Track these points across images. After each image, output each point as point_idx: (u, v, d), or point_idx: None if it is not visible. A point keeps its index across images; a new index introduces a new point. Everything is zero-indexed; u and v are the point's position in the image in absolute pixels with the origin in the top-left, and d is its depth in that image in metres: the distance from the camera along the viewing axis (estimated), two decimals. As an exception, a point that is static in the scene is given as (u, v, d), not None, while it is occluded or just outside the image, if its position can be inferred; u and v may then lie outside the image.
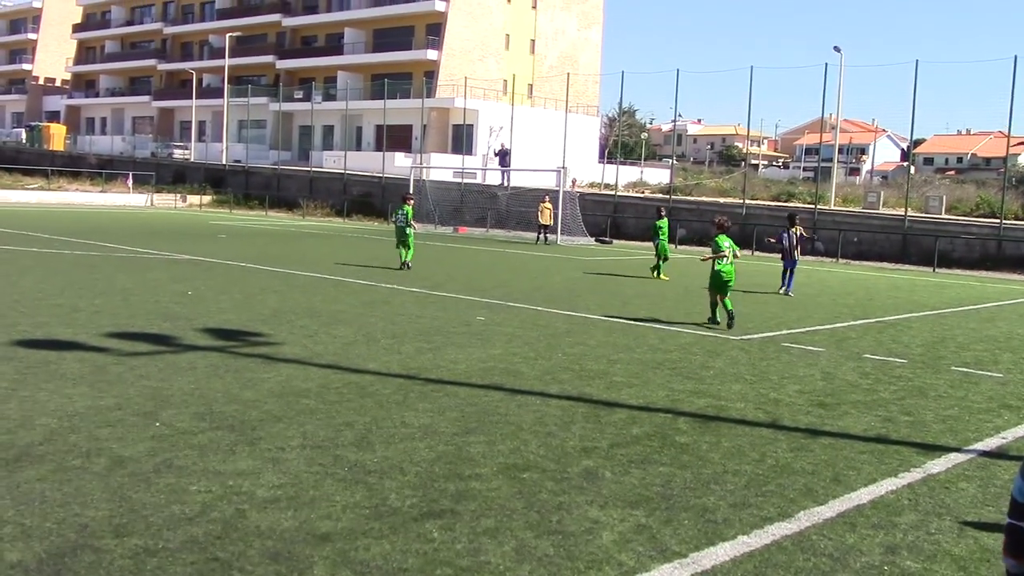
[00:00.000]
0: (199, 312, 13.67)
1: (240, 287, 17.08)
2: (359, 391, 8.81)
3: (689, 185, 56.31)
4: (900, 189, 45.62)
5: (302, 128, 71.83)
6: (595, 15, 76.97)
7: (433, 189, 46.75)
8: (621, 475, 6.55)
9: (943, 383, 10.66)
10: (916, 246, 35.39)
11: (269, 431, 7.27)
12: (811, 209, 39.18)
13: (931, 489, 6.58)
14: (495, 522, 5.51)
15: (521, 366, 10.48)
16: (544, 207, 37.22)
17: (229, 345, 11.02)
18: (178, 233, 33.10)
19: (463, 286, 18.97)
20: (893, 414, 8.92)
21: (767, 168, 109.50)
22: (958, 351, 13.22)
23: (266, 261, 22.78)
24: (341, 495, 5.86)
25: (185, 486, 5.90)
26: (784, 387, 9.99)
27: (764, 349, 12.58)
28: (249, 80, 73.51)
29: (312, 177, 58.21)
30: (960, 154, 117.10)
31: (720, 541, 5.37)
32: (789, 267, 20.47)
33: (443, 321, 13.79)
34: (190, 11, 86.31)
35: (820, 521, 5.80)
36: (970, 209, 40.40)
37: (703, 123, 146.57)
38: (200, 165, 67.64)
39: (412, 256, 22.48)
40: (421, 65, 66.39)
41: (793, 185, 54.04)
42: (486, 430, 7.58)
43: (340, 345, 11.36)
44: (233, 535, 5.13)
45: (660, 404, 8.89)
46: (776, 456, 7.23)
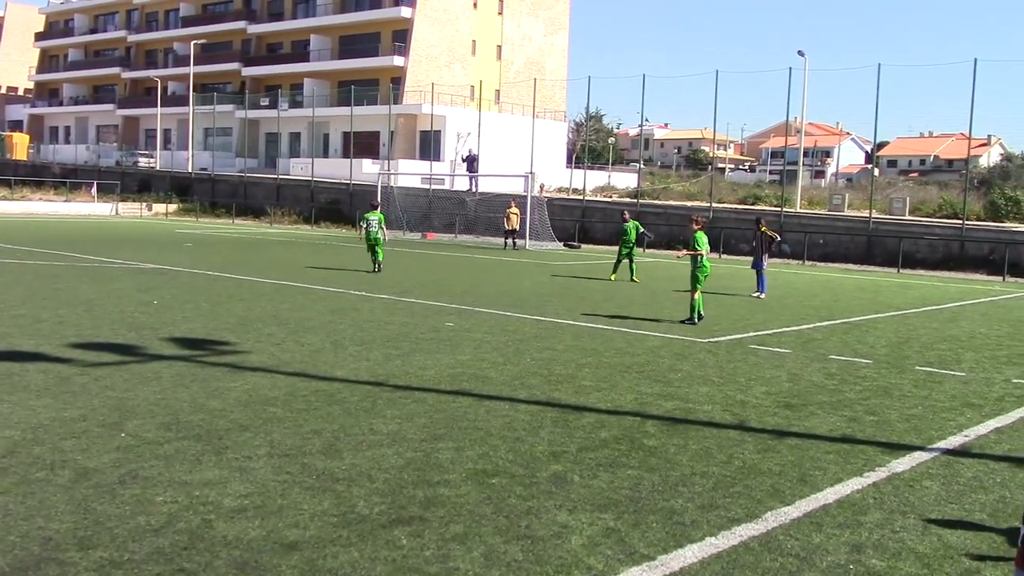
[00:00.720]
0: (165, 321, 13.56)
1: (206, 296, 16.96)
2: (327, 399, 8.78)
3: (656, 189, 56.59)
4: (864, 191, 46.13)
5: (268, 135, 71.47)
6: (561, 21, 77.19)
7: (401, 195, 46.68)
8: (590, 479, 6.57)
9: (907, 383, 10.78)
10: (880, 247, 35.78)
11: (236, 440, 7.22)
12: (777, 212, 39.50)
13: (896, 488, 6.65)
14: (464, 528, 5.50)
15: (490, 371, 10.48)
16: (511, 212, 37.28)
17: (195, 354, 10.93)
18: (143, 242, 32.80)
19: (432, 292, 18.94)
20: (858, 414, 9.01)
21: (733, 172, 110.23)
22: (922, 351, 13.37)
23: (232, 269, 22.63)
24: (309, 503, 5.83)
25: (151, 497, 5.84)
26: (751, 389, 10.06)
27: (731, 351, 12.66)
28: (214, 88, 73.09)
29: (279, 184, 57.92)
30: (923, 156, 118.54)
31: (688, 543, 5.40)
32: (756, 268, 20.62)
33: (411, 327, 13.77)
34: (154, 19, 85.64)
35: (787, 521, 5.85)
36: (933, 210, 40.89)
37: (670, 127, 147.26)
38: (166, 173, 67.10)
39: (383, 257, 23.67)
40: (388, 72, 66.27)
41: (759, 188, 54.42)
42: (455, 436, 7.58)
43: (307, 353, 11.30)
44: (200, 545, 5.09)
45: (628, 407, 8.93)
46: (743, 457, 7.27)
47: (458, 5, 68.20)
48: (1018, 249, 32.62)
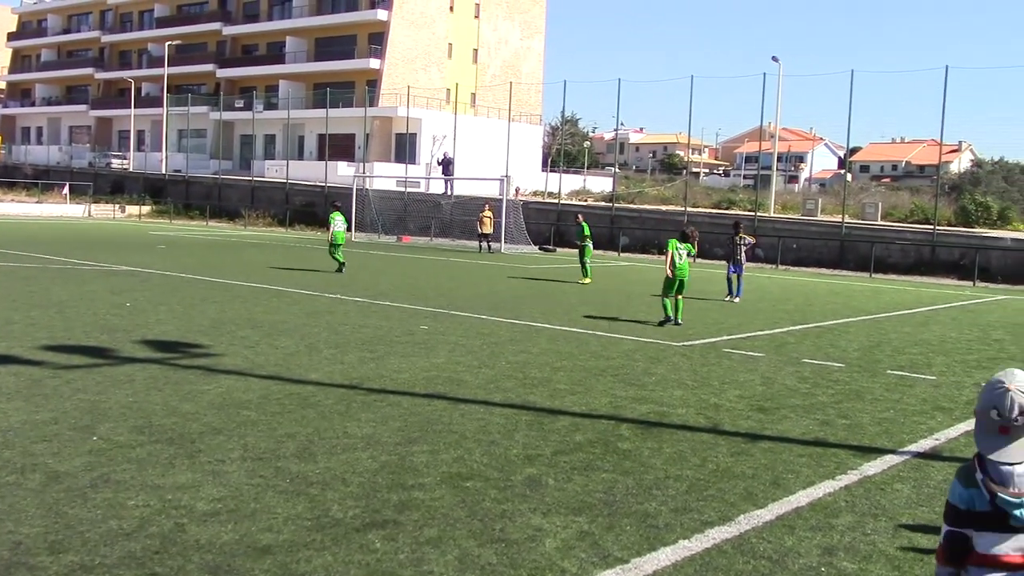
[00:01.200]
0: (137, 324, 13.47)
1: (179, 298, 16.86)
2: (301, 402, 8.75)
3: (631, 193, 56.76)
4: (837, 196, 46.49)
5: (243, 137, 71.08)
6: (537, 25, 77.32)
7: (376, 198, 46.59)
8: (564, 482, 6.58)
9: (879, 386, 10.88)
10: (853, 252, 36.07)
11: (209, 443, 7.18)
12: (751, 216, 39.73)
13: (867, 491, 6.71)
14: (438, 531, 5.50)
15: (464, 375, 10.48)
16: (484, 216, 37.30)
17: (168, 357, 10.87)
18: (116, 244, 32.55)
19: (406, 295, 18.92)
20: (831, 417, 9.08)
21: (708, 176, 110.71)
22: (893, 355, 13.49)
23: (206, 272, 22.50)
24: (282, 507, 5.81)
25: (123, 501, 5.80)
26: (725, 392, 10.12)
27: (705, 355, 12.73)
28: (189, 89, 72.62)
29: (254, 186, 57.65)
30: (895, 162, 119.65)
31: (661, 546, 5.42)
32: (735, 272, 20.65)
33: (386, 330, 13.74)
34: (128, 19, 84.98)
35: (759, 524, 5.89)
36: (905, 216, 41.28)
37: (645, 132, 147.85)
38: (139, 175, 66.65)
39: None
40: (363, 74, 66.11)
41: (734, 193, 54.73)
42: (429, 439, 7.57)
43: (281, 356, 11.26)
44: (172, 550, 5.06)
45: (603, 411, 8.95)
46: (717, 461, 7.31)
47: (434, 8, 68.17)
48: (988, 254, 32.98)
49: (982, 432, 3.11)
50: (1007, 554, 3.05)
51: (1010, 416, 3.02)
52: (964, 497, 3.09)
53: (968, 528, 3.09)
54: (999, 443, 3.04)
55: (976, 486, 3.07)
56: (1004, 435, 3.04)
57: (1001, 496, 3.01)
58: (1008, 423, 3.02)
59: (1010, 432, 3.03)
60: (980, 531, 3.07)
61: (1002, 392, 3.05)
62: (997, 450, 3.04)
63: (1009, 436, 3.03)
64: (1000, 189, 59.19)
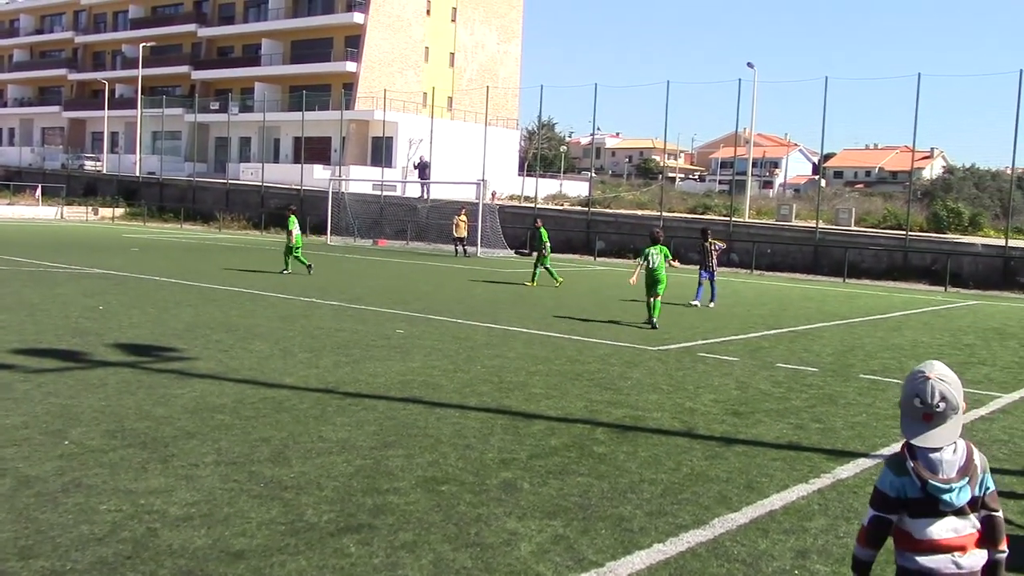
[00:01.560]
0: (110, 327, 13.36)
1: (153, 301, 16.74)
2: (275, 406, 8.70)
3: (607, 198, 56.94)
4: (811, 202, 46.81)
5: (218, 140, 70.74)
6: (514, 29, 77.45)
7: (352, 202, 46.46)
8: (539, 486, 6.58)
9: (852, 391, 10.96)
10: (827, 257, 36.32)
11: (182, 448, 7.13)
12: (726, 221, 39.94)
13: (840, 494, 6.75)
14: (413, 536, 5.49)
15: (440, 379, 10.47)
16: (459, 220, 37.28)
17: (141, 360, 10.78)
18: (89, 246, 32.28)
19: (382, 299, 18.87)
20: (804, 421, 9.13)
21: (684, 181, 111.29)
22: (866, 359, 13.60)
23: (180, 275, 22.36)
24: (256, 511, 5.78)
25: (95, 505, 5.75)
26: (700, 396, 10.16)
27: (680, 359, 12.78)
28: (163, 91, 72.18)
29: (228, 189, 57.37)
30: (868, 168, 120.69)
31: (636, 549, 5.43)
32: (707, 278, 20.70)
33: (362, 334, 13.70)
34: (102, 20, 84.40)
35: (734, 527, 5.91)
36: (878, 221, 41.63)
37: (621, 137, 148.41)
38: (113, 177, 66.15)
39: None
40: (340, 77, 65.99)
41: (709, 198, 55.03)
42: (404, 443, 7.55)
43: (256, 359, 11.20)
44: (144, 554, 5.02)
45: (578, 415, 8.96)
46: (691, 464, 7.34)
47: (411, 12, 68.14)
48: (959, 260, 33.31)
49: (907, 419, 3.33)
50: (943, 537, 3.27)
51: (932, 403, 3.24)
52: (895, 485, 3.30)
53: (897, 514, 3.32)
54: (922, 429, 3.28)
55: (907, 474, 3.28)
56: (927, 422, 3.27)
57: (931, 483, 3.23)
58: (930, 410, 3.25)
59: (932, 419, 3.26)
60: (914, 517, 3.29)
61: (923, 380, 3.28)
62: (921, 436, 3.27)
63: (931, 423, 3.26)
64: (971, 195, 59.83)
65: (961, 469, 3.27)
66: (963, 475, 3.26)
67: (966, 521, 3.28)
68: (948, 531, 3.27)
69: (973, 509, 3.30)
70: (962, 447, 3.31)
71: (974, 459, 3.30)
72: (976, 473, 3.28)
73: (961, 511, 3.27)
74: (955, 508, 3.26)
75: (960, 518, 3.27)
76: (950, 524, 3.27)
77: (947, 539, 3.27)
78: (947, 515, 3.27)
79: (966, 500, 3.26)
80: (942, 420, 3.27)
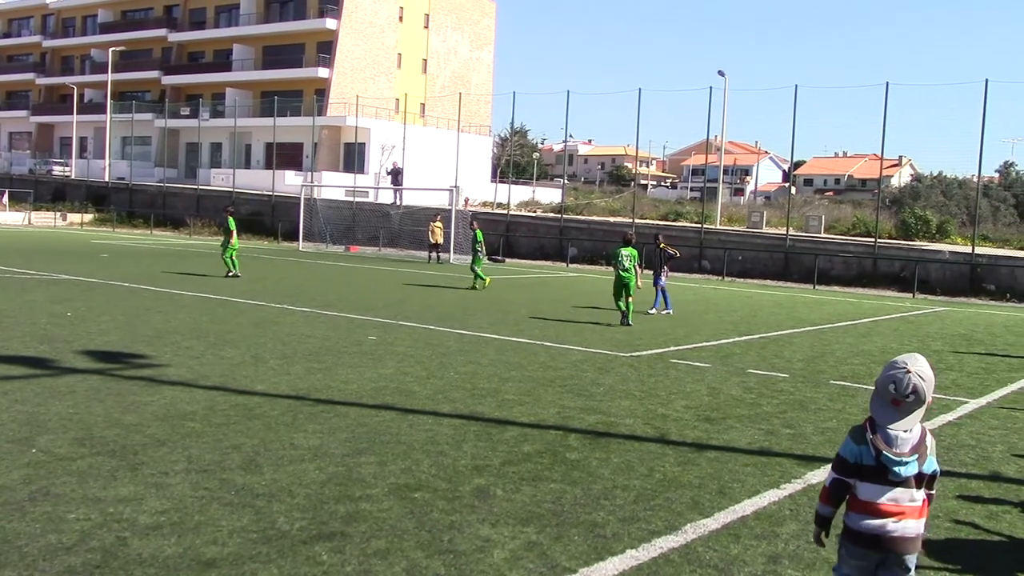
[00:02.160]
0: (79, 334, 13.22)
1: (122, 308, 16.59)
2: (247, 413, 8.65)
3: (580, 204, 57.05)
4: (782, 209, 47.11)
5: (189, 145, 70.25)
6: (487, 36, 77.52)
7: (324, 208, 46.29)
8: (512, 493, 6.58)
9: (822, 396, 11.04)
10: (797, 264, 36.59)
11: (152, 455, 7.07)
12: (698, 228, 40.15)
13: (811, 499, 6.79)
14: (386, 543, 5.47)
15: (413, 385, 10.45)
16: (435, 226, 37.25)
17: (111, 368, 10.68)
18: (57, 252, 31.94)
19: (354, 305, 18.81)
20: (775, 427, 9.19)
21: (656, 188, 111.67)
22: (836, 365, 13.70)
23: (150, 281, 22.18)
24: (228, 519, 5.74)
25: (63, 514, 5.69)
26: (672, 403, 10.19)
27: (653, 365, 12.82)
28: (133, 96, 71.67)
29: (199, 195, 56.97)
30: (838, 175, 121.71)
31: (609, 556, 5.44)
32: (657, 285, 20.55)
33: (334, 341, 13.65)
34: (71, 24, 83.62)
35: (706, 533, 5.94)
36: (847, 228, 41.97)
37: (593, 144, 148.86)
38: (81, 182, 65.53)
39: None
40: (312, 83, 65.74)
41: (681, 205, 55.26)
42: (377, 450, 7.53)
43: (227, 366, 11.13)
44: (113, 564, 4.97)
45: (551, 421, 8.97)
46: (664, 470, 7.36)
47: (384, 18, 68.05)
48: (927, 267, 33.66)
49: (878, 402, 3.78)
50: (883, 503, 3.76)
51: (904, 393, 3.69)
52: (854, 452, 3.79)
53: (853, 478, 3.80)
54: (892, 415, 3.73)
55: (865, 444, 3.77)
56: (895, 407, 3.72)
57: (885, 454, 3.71)
58: (901, 399, 3.70)
59: (901, 406, 3.71)
60: (863, 481, 3.78)
61: (903, 372, 3.71)
62: (890, 422, 3.73)
63: (900, 410, 3.72)
64: (939, 203, 60.41)
65: (913, 447, 3.73)
66: (913, 452, 3.73)
67: (908, 492, 3.75)
68: (890, 499, 3.75)
69: (918, 484, 3.77)
70: (918, 429, 3.76)
71: (926, 440, 3.77)
72: (925, 453, 3.75)
73: (906, 482, 3.74)
74: (901, 479, 3.73)
75: (904, 488, 3.75)
76: (894, 493, 3.74)
77: (887, 505, 3.75)
78: (894, 484, 3.74)
79: (912, 473, 3.73)
80: (909, 410, 3.71)
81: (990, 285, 32.38)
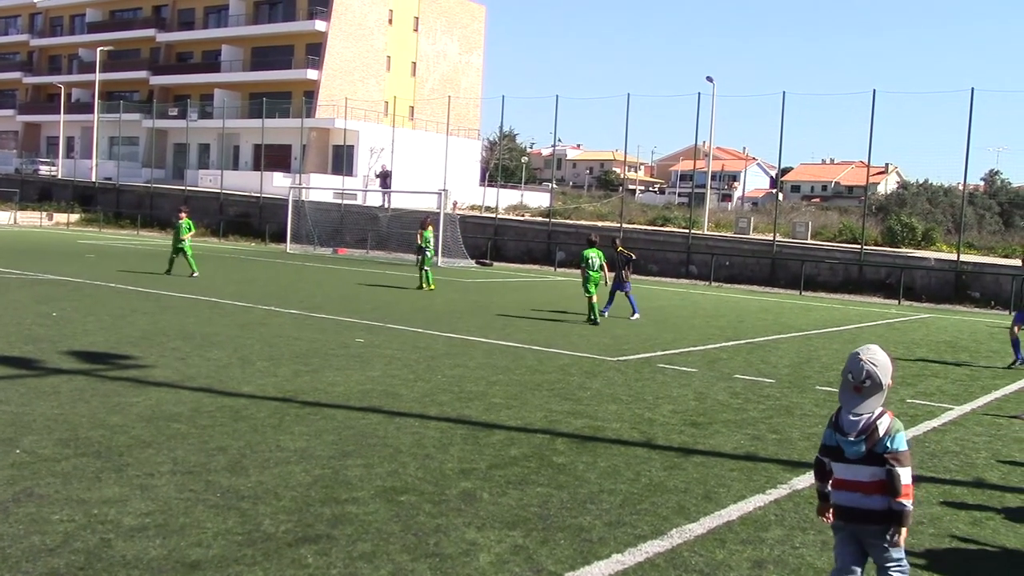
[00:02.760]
0: (64, 334, 13.16)
1: (108, 308, 16.52)
2: (233, 415, 8.62)
3: (568, 209, 57.13)
4: (769, 215, 47.27)
5: (177, 146, 70.03)
6: (476, 40, 77.57)
7: (312, 210, 46.19)
8: (499, 496, 6.58)
9: (808, 402, 11.07)
10: (784, 270, 36.69)
11: (137, 457, 7.04)
12: (685, 233, 40.23)
13: (796, 504, 6.82)
14: (372, 546, 5.46)
15: (400, 388, 10.43)
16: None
17: (96, 368, 10.64)
18: (43, 252, 31.78)
19: (342, 308, 18.77)
20: (761, 432, 9.21)
21: (644, 193, 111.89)
22: (822, 371, 13.75)
23: (137, 282, 22.09)
24: (213, 521, 5.72)
25: (47, 515, 5.66)
26: (658, 407, 10.21)
27: (640, 370, 12.84)
28: (121, 96, 71.38)
29: (187, 196, 56.74)
30: (824, 182, 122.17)
31: (595, 560, 5.45)
32: (617, 289, 20.26)
33: (321, 343, 13.62)
34: (59, 24, 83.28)
35: (691, 538, 5.95)
36: (834, 235, 42.14)
37: (582, 148, 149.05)
38: (68, 182, 65.20)
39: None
40: (301, 84, 65.63)
41: (668, 210, 55.38)
42: (364, 453, 7.52)
43: (214, 368, 11.09)
44: (97, 565, 4.95)
45: (538, 425, 8.97)
46: (650, 475, 7.38)
47: (373, 20, 68.01)
48: (913, 274, 33.80)
49: (843, 391, 4.31)
50: (845, 477, 4.28)
51: (860, 380, 4.22)
52: (826, 435, 4.39)
53: (827, 458, 4.38)
54: (855, 401, 4.23)
55: (831, 426, 4.36)
56: (857, 394, 4.23)
57: (838, 436, 4.28)
58: (860, 385, 4.23)
59: (861, 392, 4.22)
60: (834, 461, 4.33)
61: (856, 361, 4.27)
62: (854, 406, 4.23)
63: (861, 395, 4.22)
64: (924, 210, 60.75)
65: (861, 431, 4.21)
66: (860, 435, 4.20)
67: (863, 470, 4.21)
68: (848, 474, 4.26)
69: (874, 463, 4.19)
70: (874, 416, 4.22)
71: (878, 424, 4.20)
72: (876, 435, 4.18)
73: (859, 461, 4.21)
74: (856, 458, 4.22)
75: (859, 466, 4.22)
76: (851, 470, 4.25)
77: (847, 479, 4.27)
78: (850, 463, 4.25)
79: (862, 452, 4.19)
80: (868, 394, 4.21)
81: (975, 292, 32.54)
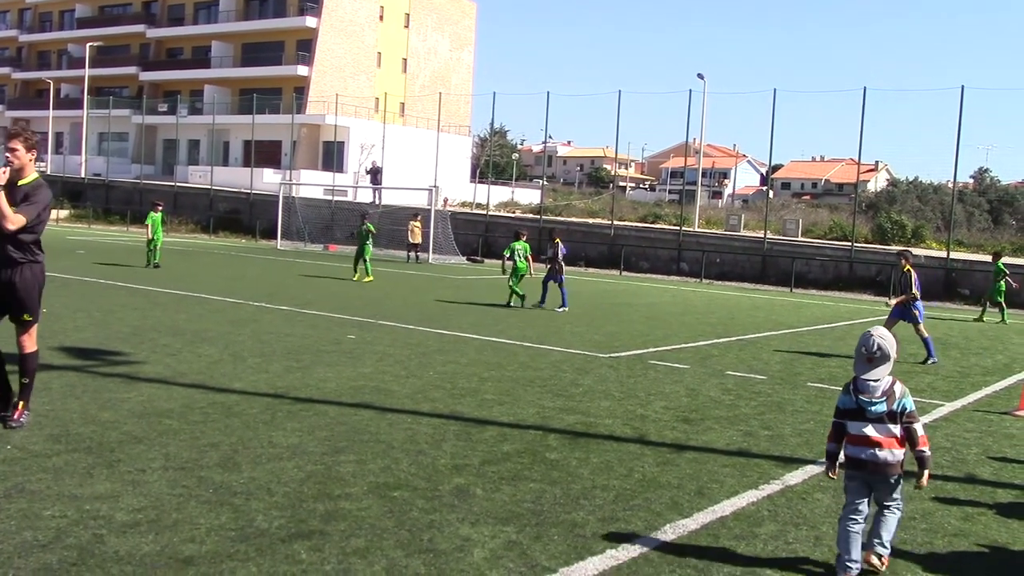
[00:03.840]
0: (54, 331, 13.10)
1: (98, 304, 16.46)
2: (225, 411, 8.59)
3: (559, 205, 57.15)
4: (760, 212, 47.39)
5: (166, 142, 69.81)
6: (467, 36, 77.50)
7: (303, 206, 46.12)
8: (492, 492, 6.57)
9: (800, 398, 11.10)
10: (775, 267, 36.78)
11: (129, 453, 7.01)
12: (676, 230, 40.28)
13: (789, 500, 6.83)
14: (365, 542, 5.45)
15: (392, 384, 10.42)
16: (414, 226, 37.19)
17: (86, 364, 10.59)
18: (32, 248, 31.58)
19: (333, 304, 18.74)
20: (753, 428, 9.23)
21: (634, 190, 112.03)
22: (813, 367, 13.79)
23: (126, 278, 22.02)
24: (205, 517, 5.70)
25: (38, 511, 5.63)
26: (651, 403, 10.22)
27: (632, 366, 12.84)
28: (111, 91, 71.11)
29: (177, 192, 56.61)
30: (815, 179, 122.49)
31: (589, 555, 5.44)
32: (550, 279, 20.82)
33: (313, 339, 13.59)
34: (48, 19, 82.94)
35: (685, 533, 5.95)
36: (824, 232, 42.25)
37: (573, 145, 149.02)
38: (57, 178, 64.78)
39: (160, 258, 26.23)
40: (291, 81, 65.50)
41: (659, 207, 55.44)
42: (356, 449, 7.50)
43: (205, 364, 11.06)
44: (90, 561, 4.93)
45: (531, 421, 8.97)
46: (643, 471, 7.38)
47: (364, 16, 67.90)
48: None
49: (857, 362, 5.32)
50: (864, 434, 5.25)
51: (872, 351, 5.25)
52: (843, 400, 5.40)
53: (844, 419, 5.35)
54: (867, 368, 5.27)
55: (848, 394, 5.35)
56: (869, 363, 5.26)
57: (861, 398, 5.27)
58: (872, 355, 5.26)
59: (873, 361, 5.26)
60: (851, 421, 5.31)
61: (868, 336, 5.29)
62: (865, 373, 5.26)
63: (872, 364, 5.26)
64: (914, 208, 60.89)
65: (883, 392, 5.23)
66: (883, 396, 5.23)
67: (883, 427, 5.21)
68: (870, 431, 5.23)
69: (892, 421, 5.21)
70: (888, 380, 5.26)
71: (894, 388, 5.25)
72: (894, 397, 5.22)
73: (880, 419, 5.21)
74: (876, 416, 5.22)
75: (879, 424, 5.22)
76: (871, 428, 5.23)
77: (868, 435, 5.23)
78: (871, 421, 5.24)
79: (883, 412, 5.20)
80: (879, 363, 5.25)
81: (964, 289, 32.67)
